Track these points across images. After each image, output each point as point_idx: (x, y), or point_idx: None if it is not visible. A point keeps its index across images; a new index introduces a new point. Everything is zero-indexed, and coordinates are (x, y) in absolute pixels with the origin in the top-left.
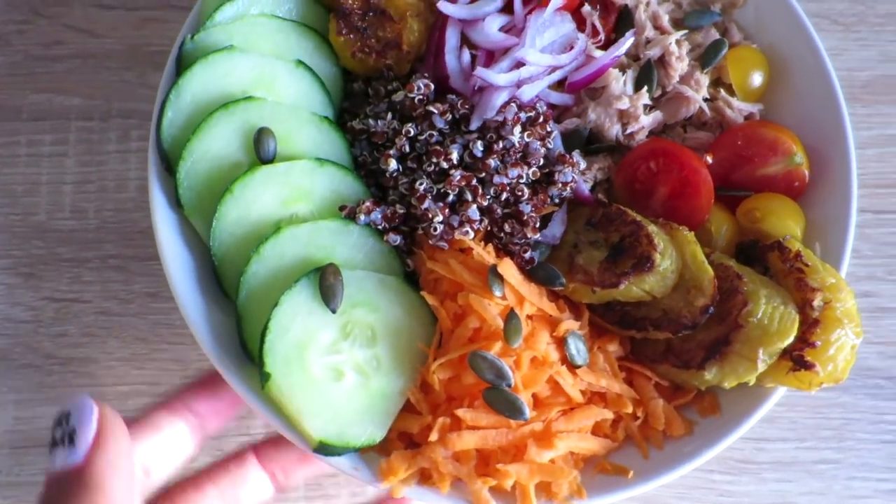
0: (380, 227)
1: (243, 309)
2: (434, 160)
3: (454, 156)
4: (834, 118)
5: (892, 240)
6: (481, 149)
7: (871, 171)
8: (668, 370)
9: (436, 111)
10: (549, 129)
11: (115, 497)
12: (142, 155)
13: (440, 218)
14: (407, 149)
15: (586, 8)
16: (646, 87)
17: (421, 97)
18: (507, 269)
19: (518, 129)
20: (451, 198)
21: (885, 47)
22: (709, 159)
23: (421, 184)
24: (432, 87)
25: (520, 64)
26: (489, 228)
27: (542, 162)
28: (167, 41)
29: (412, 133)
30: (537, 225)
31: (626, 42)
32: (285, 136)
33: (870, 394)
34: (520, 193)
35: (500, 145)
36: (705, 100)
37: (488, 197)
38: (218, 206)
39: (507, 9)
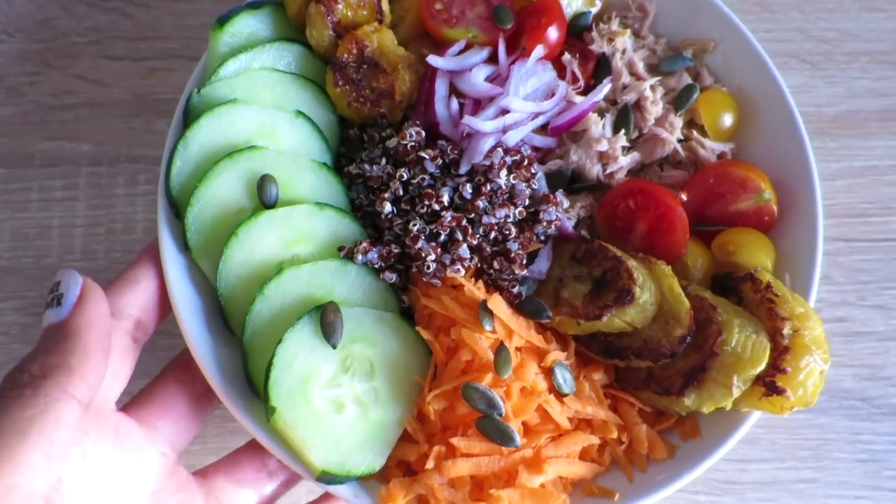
0: (376, 266)
1: (249, 346)
2: (426, 202)
3: (445, 198)
4: (799, 154)
5: (862, 266)
6: (470, 191)
7: (840, 202)
8: (650, 397)
9: (427, 157)
10: (533, 171)
11: (89, 344)
12: (148, 198)
13: (433, 257)
14: (401, 192)
15: (566, 56)
16: (623, 130)
17: (413, 143)
18: (497, 304)
19: (504, 172)
20: (442, 237)
21: (850, 84)
22: (684, 197)
23: (414, 225)
24: (423, 134)
25: (505, 111)
26: (479, 265)
27: (527, 202)
28: (172, 89)
29: (405, 177)
30: (524, 261)
31: (604, 88)
32: (286, 182)
33: (845, 415)
34: (507, 232)
35: (488, 187)
36: (679, 140)
37: (478, 236)
38: (224, 249)
39: (492, 59)
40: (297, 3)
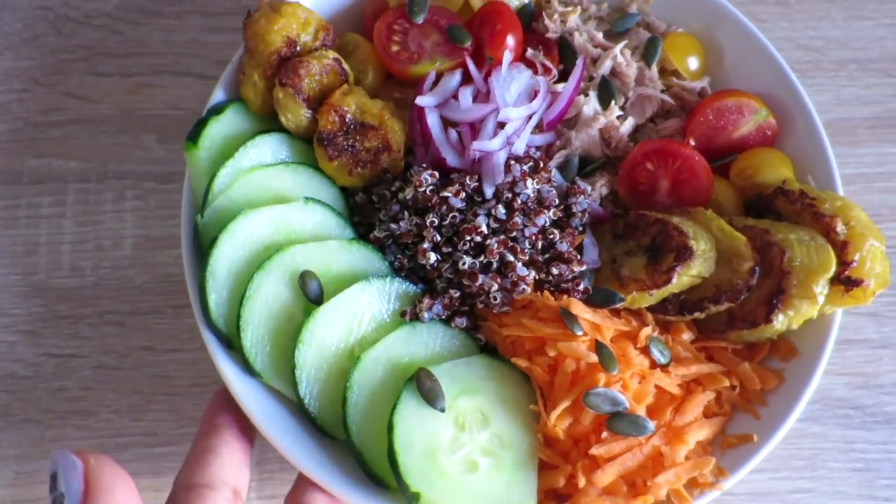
0: (443, 316)
1: (360, 444)
2: (467, 238)
3: (483, 227)
4: (772, 65)
5: None
6: (504, 211)
7: None
8: (738, 335)
9: (451, 194)
10: (550, 170)
11: None
12: (136, 213)
13: (496, 287)
14: (437, 238)
15: (529, 52)
16: (613, 102)
17: (432, 187)
18: (577, 306)
19: (529, 181)
20: (494, 265)
21: (838, 91)
22: (691, 141)
23: (463, 263)
24: (437, 175)
25: (502, 124)
26: (537, 277)
27: (556, 201)
28: (160, 105)
29: (436, 222)
30: (579, 257)
31: (580, 69)
32: (324, 270)
33: (839, 424)
34: (552, 236)
35: (519, 201)
36: (662, 91)
37: (527, 251)
38: (295, 360)
39: (465, 79)
40: (259, 96)
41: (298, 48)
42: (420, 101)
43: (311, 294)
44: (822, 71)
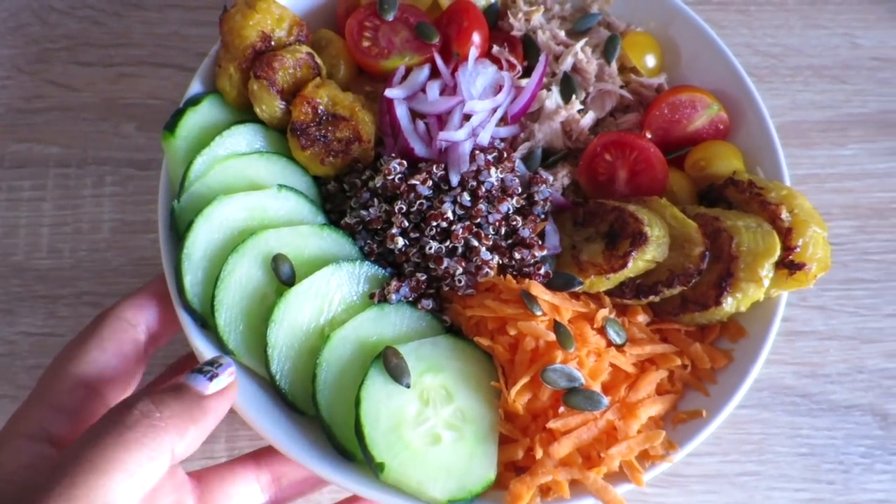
0: (410, 298)
1: (329, 419)
2: (434, 224)
3: (449, 213)
4: (724, 63)
5: None
6: (469, 199)
7: None
8: (691, 317)
9: (418, 182)
10: (513, 160)
11: (208, 426)
12: (115, 199)
13: (460, 270)
14: (405, 223)
15: (495, 49)
16: (574, 97)
17: (400, 175)
18: (537, 288)
19: (493, 170)
20: (460, 250)
21: (794, 96)
22: (648, 135)
23: (430, 248)
24: (405, 163)
25: (468, 116)
26: (501, 262)
27: (520, 190)
28: (140, 95)
29: (404, 209)
30: (541, 243)
31: (542, 65)
32: (296, 254)
33: (787, 410)
34: (514, 223)
35: (483, 189)
36: (621, 87)
37: (491, 236)
38: (267, 338)
39: (433, 73)
40: (234, 88)
41: (273, 43)
42: (389, 93)
43: (283, 276)
44: (779, 76)
